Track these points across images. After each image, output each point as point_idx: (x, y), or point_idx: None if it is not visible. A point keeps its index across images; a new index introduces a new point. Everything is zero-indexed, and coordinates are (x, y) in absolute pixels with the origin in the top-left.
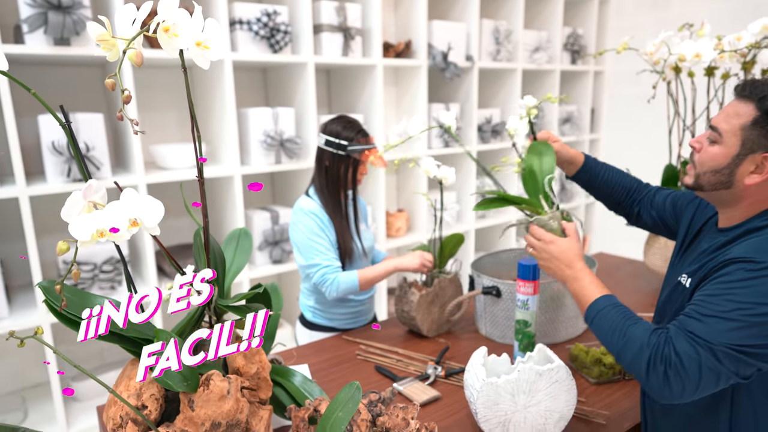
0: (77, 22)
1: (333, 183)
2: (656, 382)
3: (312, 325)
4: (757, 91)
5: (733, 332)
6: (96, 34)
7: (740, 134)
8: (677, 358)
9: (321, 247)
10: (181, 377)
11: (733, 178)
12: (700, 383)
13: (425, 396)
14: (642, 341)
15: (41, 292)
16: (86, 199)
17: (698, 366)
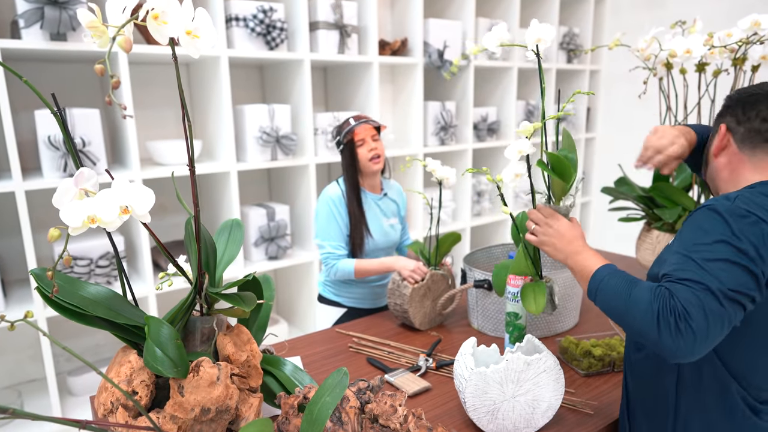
0: (73, 17)
1: (348, 176)
2: (668, 336)
3: (322, 299)
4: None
5: (722, 273)
6: (86, 21)
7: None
8: (683, 308)
9: (331, 231)
10: (171, 363)
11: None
12: (709, 330)
13: (416, 387)
14: (648, 298)
15: (33, 276)
16: (77, 186)
17: (703, 312)
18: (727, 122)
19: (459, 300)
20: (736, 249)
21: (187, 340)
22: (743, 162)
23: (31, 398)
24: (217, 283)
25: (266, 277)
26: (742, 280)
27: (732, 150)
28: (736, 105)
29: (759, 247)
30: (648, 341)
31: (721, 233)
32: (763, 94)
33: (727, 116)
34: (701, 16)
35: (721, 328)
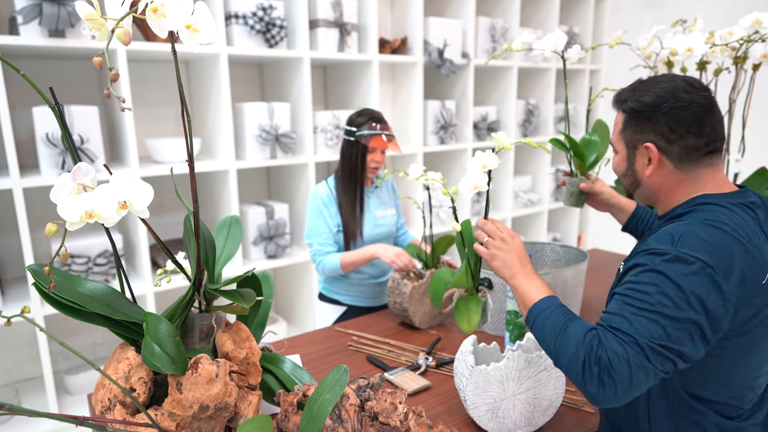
0: (72, 13)
1: (347, 169)
2: (591, 384)
3: (323, 297)
4: (620, 99)
5: (654, 327)
6: (85, 14)
7: (621, 138)
8: (608, 359)
9: (319, 229)
10: (169, 360)
11: (637, 176)
12: (632, 383)
13: (415, 385)
14: (577, 342)
15: (30, 272)
16: (75, 181)
17: (627, 364)
18: (654, 141)
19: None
20: (675, 303)
21: (185, 337)
22: (682, 181)
23: (28, 396)
24: (216, 279)
25: (266, 275)
26: (676, 336)
27: (668, 170)
28: (656, 120)
29: (704, 298)
30: (574, 383)
31: (663, 284)
32: (682, 105)
33: (647, 133)
34: (701, 16)
35: (646, 380)
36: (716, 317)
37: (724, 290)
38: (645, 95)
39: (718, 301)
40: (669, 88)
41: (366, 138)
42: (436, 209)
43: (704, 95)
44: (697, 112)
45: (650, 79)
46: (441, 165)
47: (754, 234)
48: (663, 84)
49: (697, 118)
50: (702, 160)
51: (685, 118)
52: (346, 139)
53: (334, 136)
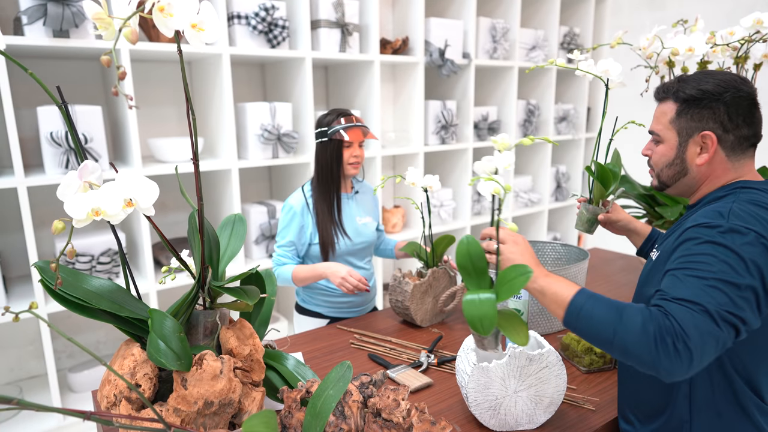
0: (76, 14)
1: (323, 174)
2: (666, 357)
3: (302, 309)
4: (671, 90)
5: (719, 295)
6: (92, 13)
7: (673, 127)
8: (680, 328)
9: (284, 239)
10: (174, 356)
11: (686, 165)
12: (704, 350)
13: (417, 382)
14: (641, 320)
15: (38, 274)
16: (82, 179)
17: (699, 331)
18: (713, 129)
19: (461, 297)
20: (735, 270)
21: (190, 334)
22: (727, 169)
23: (31, 394)
24: (220, 277)
25: (269, 272)
26: (740, 303)
27: (719, 158)
28: (717, 108)
29: (762, 266)
30: (643, 363)
31: (721, 253)
32: (743, 95)
33: (706, 121)
34: (702, 16)
35: (715, 349)
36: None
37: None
38: (704, 84)
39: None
40: (728, 79)
41: (340, 133)
42: (436, 209)
43: (754, 90)
44: (750, 104)
45: (700, 72)
46: (442, 165)
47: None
48: (720, 75)
49: (750, 109)
50: (748, 151)
51: (743, 109)
52: (319, 142)
53: None
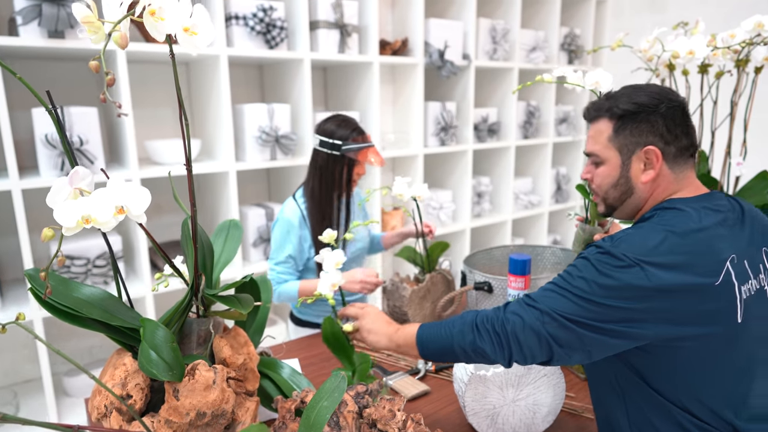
0: (71, 14)
1: (327, 185)
2: (484, 340)
3: (298, 320)
4: (603, 107)
5: (561, 300)
6: (81, 16)
7: (612, 145)
8: (504, 316)
9: (283, 255)
10: (166, 366)
11: (631, 183)
12: (523, 338)
13: (415, 390)
14: (466, 318)
15: (26, 277)
16: (72, 185)
17: (521, 321)
18: (654, 143)
19: (459, 302)
20: (590, 287)
21: (183, 343)
22: (671, 183)
23: (26, 399)
24: (214, 284)
25: (264, 279)
26: (579, 313)
27: (664, 172)
28: (654, 121)
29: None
30: (475, 352)
31: (585, 270)
32: (677, 105)
33: (645, 135)
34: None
35: (539, 345)
36: (633, 312)
37: (650, 287)
38: (637, 97)
39: (638, 298)
40: (659, 90)
41: (355, 152)
42: (436, 210)
43: (683, 99)
44: (684, 113)
45: (628, 86)
46: (441, 167)
47: (710, 237)
48: (650, 88)
49: (684, 119)
50: (688, 162)
51: (679, 119)
52: (326, 152)
53: None
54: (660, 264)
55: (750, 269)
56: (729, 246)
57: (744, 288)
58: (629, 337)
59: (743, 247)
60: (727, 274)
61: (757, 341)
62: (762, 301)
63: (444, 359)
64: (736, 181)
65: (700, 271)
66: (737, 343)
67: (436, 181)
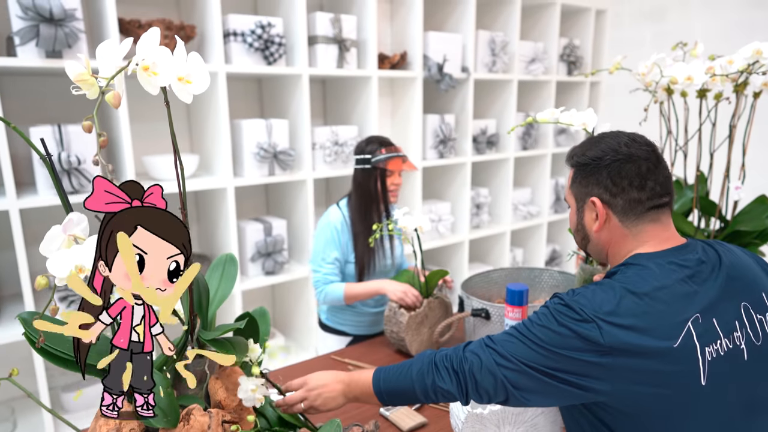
0: (69, 35)
1: (365, 199)
2: (442, 377)
3: (327, 327)
4: (570, 155)
5: (519, 346)
6: (74, 75)
7: (571, 192)
8: (463, 356)
9: (327, 257)
10: (161, 412)
11: (586, 231)
12: (479, 377)
13: (411, 422)
14: (424, 358)
15: (20, 321)
16: (66, 232)
17: (479, 360)
18: (599, 194)
19: (456, 327)
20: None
21: (178, 383)
22: (626, 236)
23: (24, 414)
24: (209, 324)
25: (262, 311)
26: (535, 360)
27: (613, 224)
28: (599, 173)
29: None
30: (435, 391)
31: (545, 319)
32: (622, 158)
33: (592, 187)
34: (702, 29)
35: (494, 387)
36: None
37: (604, 344)
38: (590, 150)
39: (593, 352)
40: (612, 143)
41: (384, 162)
42: (435, 223)
43: (646, 150)
44: (639, 165)
45: (599, 135)
46: (440, 179)
47: (670, 297)
48: (607, 139)
49: (639, 171)
50: (646, 215)
51: (626, 171)
52: (360, 168)
53: (333, 153)
54: (616, 324)
55: (720, 328)
56: (692, 305)
57: (709, 349)
58: (585, 389)
59: (712, 305)
60: (687, 336)
61: (732, 405)
62: (736, 360)
63: (405, 402)
64: (734, 206)
65: (656, 334)
66: (704, 407)
67: (434, 193)
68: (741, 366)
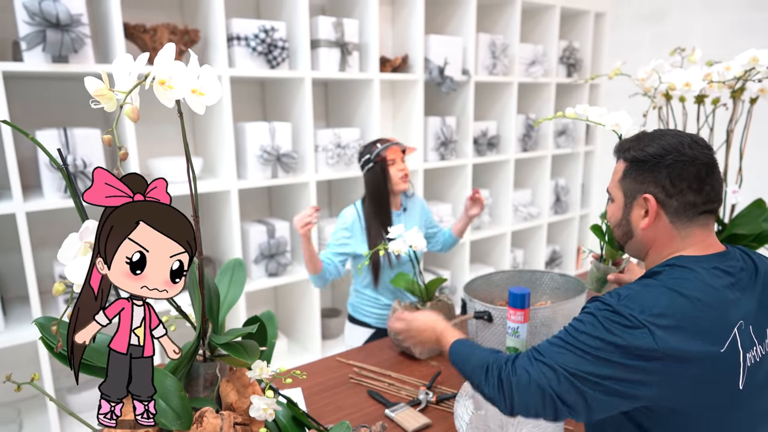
0: (75, 39)
1: (374, 195)
2: (489, 386)
3: (353, 319)
4: (622, 147)
5: (567, 355)
6: (93, 90)
7: (620, 187)
8: (513, 366)
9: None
10: (174, 415)
11: (631, 227)
12: (526, 392)
13: (416, 423)
14: (486, 356)
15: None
16: (82, 240)
17: (527, 374)
18: (654, 193)
19: (459, 330)
20: (598, 344)
21: (190, 386)
22: (673, 237)
23: (30, 415)
24: (220, 327)
25: (269, 315)
26: (584, 368)
27: (662, 224)
28: (658, 172)
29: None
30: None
31: (592, 327)
32: (686, 160)
33: (648, 184)
34: (701, 31)
35: (542, 402)
36: (638, 372)
37: (657, 349)
38: (649, 146)
39: (645, 358)
40: (674, 142)
41: (382, 152)
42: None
43: (707, 153)
44: (699, 168)
45: (656, 131)
46: (441, 181)
47: (719, 302)
48: (668, 137)
49: (698, 174)
50: (696, 219)
51: (687, 173)
52: (366, 171)
53: (335, 155)
54: (667, 327)
55: (755, 335)
56: (737, 311)
57: (749, 355)
58: (631, 397)
59: (752, 312)
60: (733, 341)
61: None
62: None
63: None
64: (732, 209)
65: (706, 338)
66: (738, 411)
67: (435, 195)
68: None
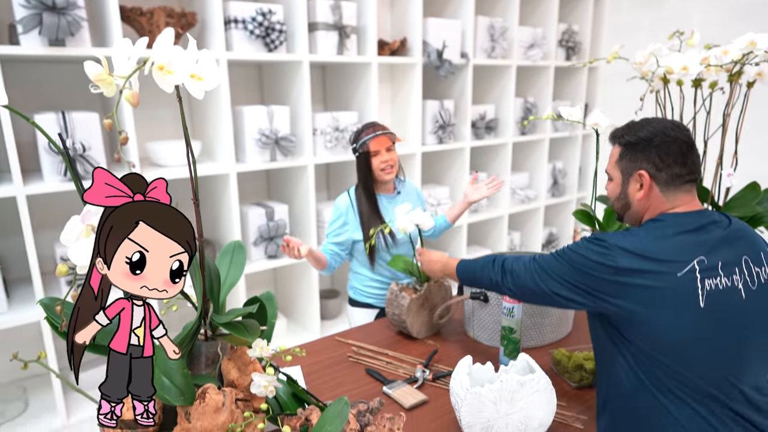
0: (72, 23)
1: (362, 182)
2: (494, 274)
3: (354, 302)
4: (616, 135)
5: (553, 262)
6: (93, 74)
7: (618, 167)
8: (512, 261)
9: (330, 234)
10: (178, 392)
11: (628, 199)
12: (521, 278)
13: (413, 400)
14: (487, 256)
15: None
16: (84, 222)
17: (523, 266)
18: (647, 169)
19: (455, 310)
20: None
21: (192, 364)
22: (663, 203)
23: (35, 393)
24: (220, 308)
25: (269, 295)
26: (563, 271)
27: (655, 193)
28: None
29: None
30: (485, 280)
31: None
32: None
33: (641, 162)
34: (700, 14)
35: (533, 285)
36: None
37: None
38: (639, 131)
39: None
40: (659, 127)
41: (366, 145)
42: (433, 207)
43: (687, 134)
44: (681, 146)
45: (642, 119)
46: (439, 164)
47: (682, 241)
48: (654, 123)
49: (681, 151)
50: (682, 187)
51: (672, 151)
52: (357, 155)
53: (333, 138)
54: (630, 251)
55: (721, 269)
56: (700, 249)
57: (709, 282)
58: (603, 300)
59: (716, 249)
60: (690, 270)
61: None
62: (733, 296)
63: (472, 284)
64: (726, 192)
65: (664, 262)
66: (703, 325)
67: (433, 178)
68: (738, 302)
